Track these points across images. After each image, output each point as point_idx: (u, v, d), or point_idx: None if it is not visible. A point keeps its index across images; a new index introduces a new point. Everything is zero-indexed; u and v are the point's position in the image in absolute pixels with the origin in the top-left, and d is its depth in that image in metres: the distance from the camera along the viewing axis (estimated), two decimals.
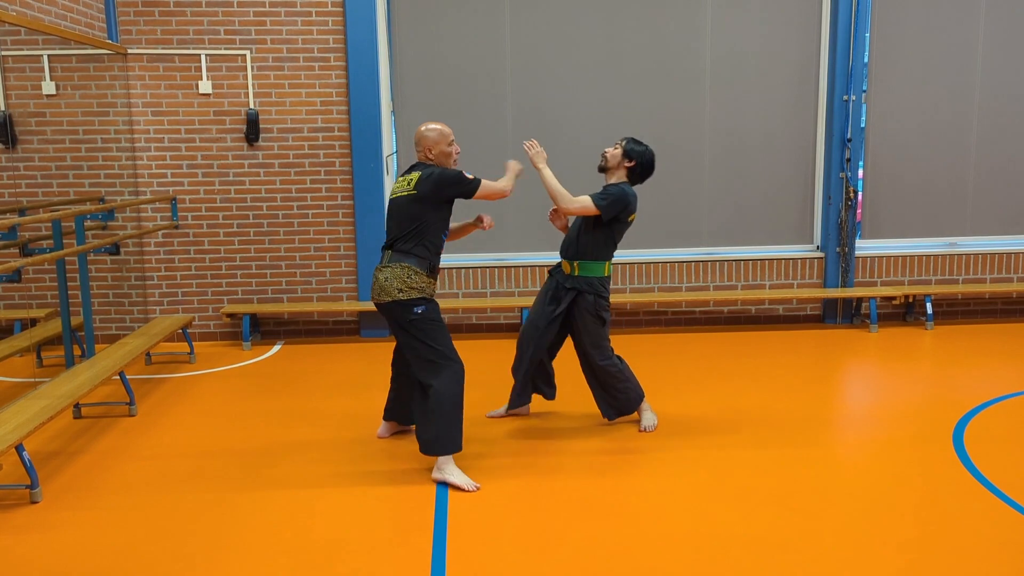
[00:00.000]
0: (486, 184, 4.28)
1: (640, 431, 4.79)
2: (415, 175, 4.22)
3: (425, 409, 4.10)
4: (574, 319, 4.72)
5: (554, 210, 4.72)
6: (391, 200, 4.32)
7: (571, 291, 4.67)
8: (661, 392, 5.37)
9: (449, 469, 4.10)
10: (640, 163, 4.63)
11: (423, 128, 4.31)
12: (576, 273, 4.66)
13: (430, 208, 4.18)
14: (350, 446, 4.68)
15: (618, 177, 4.67)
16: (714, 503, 3.86)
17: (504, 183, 4.37)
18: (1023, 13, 7.25)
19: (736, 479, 4.13)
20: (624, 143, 4.67)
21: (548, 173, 4.57)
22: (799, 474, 4.19)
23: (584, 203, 4.51)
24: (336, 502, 3.95)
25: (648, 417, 4.85)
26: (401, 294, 4.11)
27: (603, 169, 4.70)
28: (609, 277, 4.72)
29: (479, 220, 4.57)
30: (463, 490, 4.01)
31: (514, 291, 7.32)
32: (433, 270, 4.25)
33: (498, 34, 7.09)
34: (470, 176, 4.23)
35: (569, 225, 4.83)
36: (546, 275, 4.95)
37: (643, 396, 4.87)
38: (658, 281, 7.39)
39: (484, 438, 4.72)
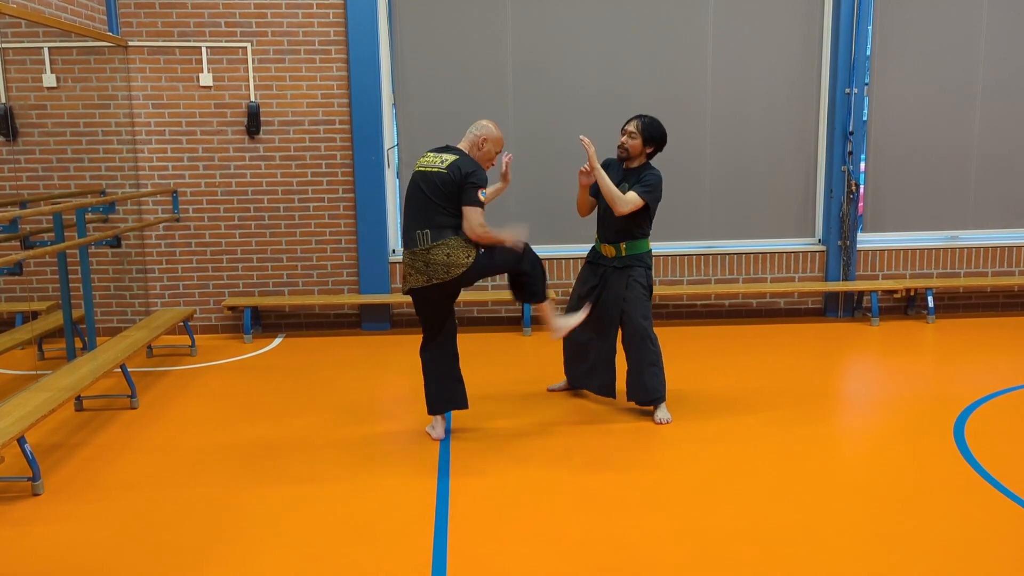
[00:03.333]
0: (478, 212, 4.20)
1: (656, 423, 4.81)
2: (450, 157, 4.27)
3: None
4: (618, 296, 4.82)
5: (583, 171, 4.80)
6: (418, 174, 4.32)
7: (624, 269, 4.84)
8: None
9: (552, 313, 4.56)
10: (659, 146, 4.82)
11: (488, 122, 4.41)
12: (624, 254, 4.84)
13: (455, 193, 4.24)
14: (351, 439, 4.69)
15: (639, 161, 4.82)
16: (714, 496, 3.86)
17: (490, 233, 4.26)
18: None
19: (736, 472, 4.13)
20: (640, 129, 4.76)
21: (603, 174, 4.69)
22: (799, 467, 4.19)
23: (635, 201, 4.69)
24: (338, 495, 3.95)
25: (663, 408, 4.87)
26: (470, 259, 4.23)
27: (624, 159, 4.82)
28: (651, 251, 4.92)
29: (505, 172, 4.74)
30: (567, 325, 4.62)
31: None
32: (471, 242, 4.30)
33: (499, 25, 7.07)
34: (482, 196, 4.24)
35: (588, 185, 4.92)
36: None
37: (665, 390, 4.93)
38: (660, 274, 7.38)
39: (485, 431, 4.73)
